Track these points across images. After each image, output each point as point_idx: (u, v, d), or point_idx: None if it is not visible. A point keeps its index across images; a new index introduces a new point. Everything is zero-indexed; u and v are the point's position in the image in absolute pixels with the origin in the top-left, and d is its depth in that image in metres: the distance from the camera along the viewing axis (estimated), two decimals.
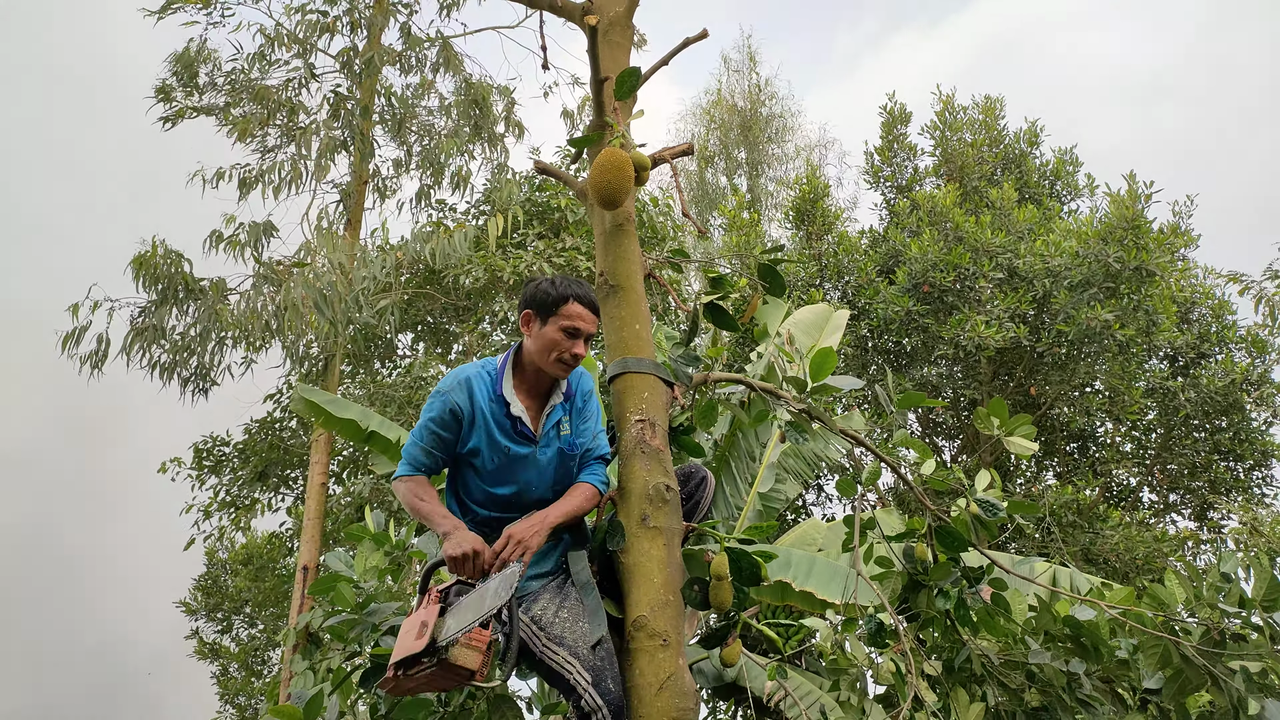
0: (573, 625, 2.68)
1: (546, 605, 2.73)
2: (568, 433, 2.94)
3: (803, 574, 5.68)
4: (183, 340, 10.66)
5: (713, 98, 21.38)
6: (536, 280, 2.96)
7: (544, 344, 2.84)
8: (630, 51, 4.05)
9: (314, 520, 10.00)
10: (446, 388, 2.85)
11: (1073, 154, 14.31)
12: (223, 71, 11.92)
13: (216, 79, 11.90)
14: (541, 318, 2.84)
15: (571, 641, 2.64)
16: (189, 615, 17.86)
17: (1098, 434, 13.82)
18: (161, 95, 11.83)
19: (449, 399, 2.82)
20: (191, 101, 11.84)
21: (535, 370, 2.92)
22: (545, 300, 2.85)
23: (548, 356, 2.84)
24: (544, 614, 2.70)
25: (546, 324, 2.84)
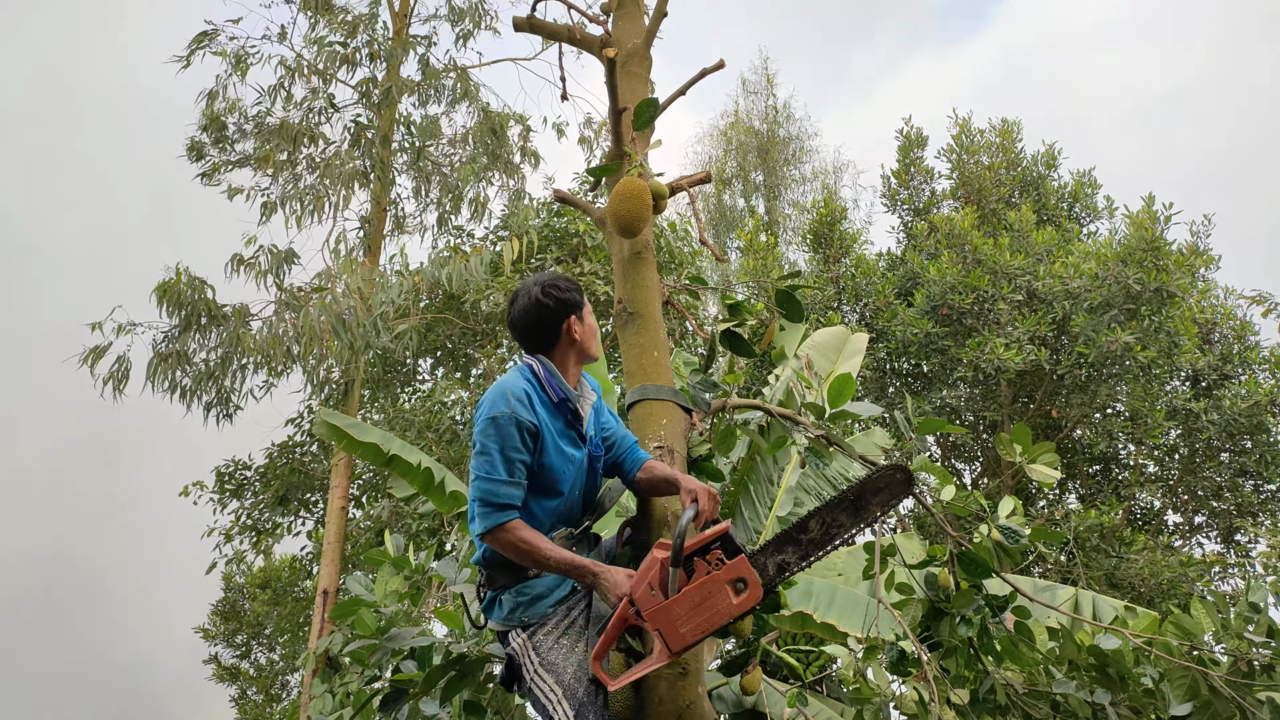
0: (566, 654, 2.62)
1: (550, 630, 2.67)
2: (593, 434, 2.90)
3: (824, 604, 5.63)
4: (206, 366, 10.78)
5: (730, 120, 21.47)
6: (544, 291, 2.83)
7: (591, 332, 2.88)
8: (648, 81, 4.12)
9: (334, 544, 10.03)
10: (508, 408, 2.62)
11: (1091, 176, 14.28)
12: (249, 117, 12.14)
13: (244, 126, 12.13)
14: (580, 316, 2.86)
15: (559, 670, 2.59)
16: (207, 640, 17.94)
17: (1120, 456, 13.68)
18: (194, 152, 12.10)
19: (518, 418, 2.61)
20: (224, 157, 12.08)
21: (575, 368, 2.89)
22: (577, 300, 2.86)
23: (595, 339, 2.90)
24: (545, 639, 2.65)
25: (584, 317, 2.88)
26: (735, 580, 2.32)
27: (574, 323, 2.82)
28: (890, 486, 2.50)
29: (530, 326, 2.82)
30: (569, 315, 2.82)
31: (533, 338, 2.84)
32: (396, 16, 12.93)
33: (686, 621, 2.35)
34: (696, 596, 2.35)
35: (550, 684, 2.57)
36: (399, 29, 12.76)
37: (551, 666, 2.59)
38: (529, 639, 2.65)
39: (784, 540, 2.40)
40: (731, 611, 2.32)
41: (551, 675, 2.58)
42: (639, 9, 4.28)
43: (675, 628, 2.36)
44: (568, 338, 2.83)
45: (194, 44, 11.94)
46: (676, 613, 2.36)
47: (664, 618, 2.37)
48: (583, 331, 2.85)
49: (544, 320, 2.80)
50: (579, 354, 2.87)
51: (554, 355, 2.85)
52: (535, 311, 2.81)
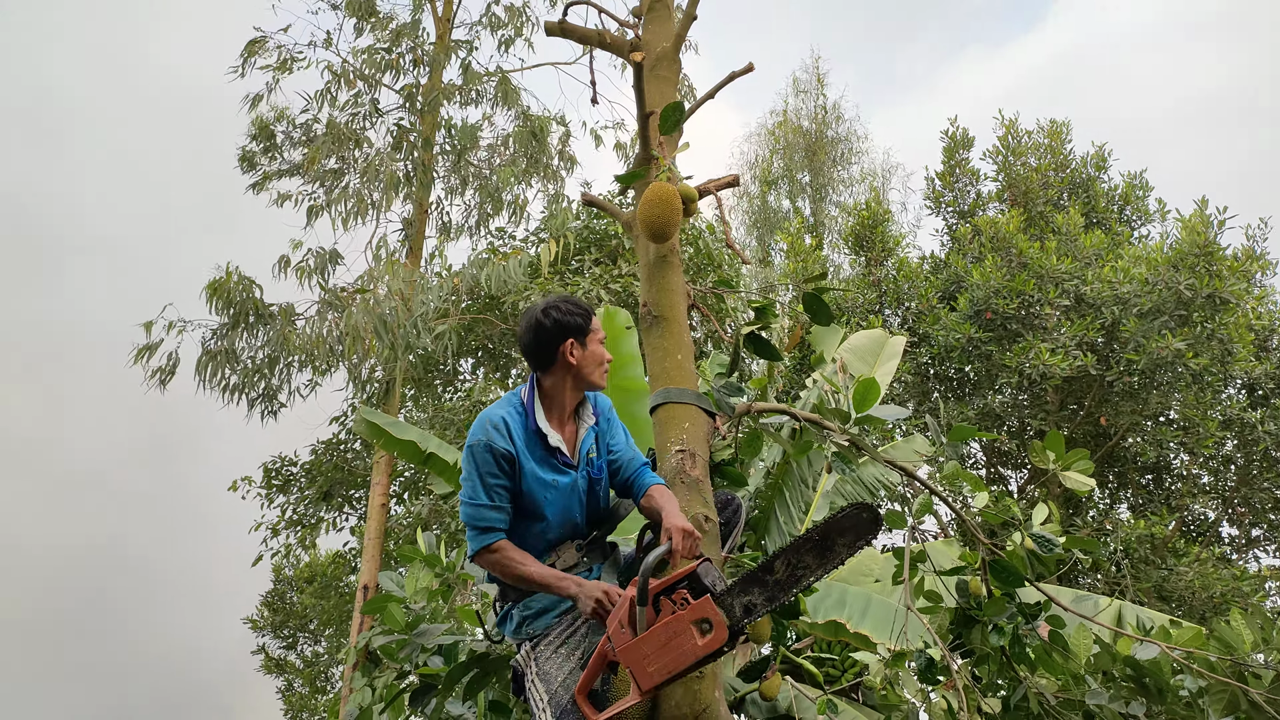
0: (560, 665, 2.66)
1: (551, 642, 2.73)
2: (596, 456, 2.93)
3: (858, 614, 5.58)
4: (253, 364, 11.04)
5: (779, 119, 21.28)
6: (545, 312, 2.87)
7: (595, 360, 2.88)
8: (677, 85, 4.13)
9: (374, 540, 10.21)
10: (483, 435, 2.75)
11: (1142, 178, 13.94)
12: (296, 125, 12.44)
13: (292, 134, 12.43)
14: (582, 341, 2.86)
15: (551, 679, 2.63)
16: (255, 631, 18.35)
17: (1173, 466, 13.33)
18: (245, 163, 12.44)
19: (493, 444, 2.73)
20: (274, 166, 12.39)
21: (570, 395, 2.90)
22: (579, 325, 2.87)
23: (600, 370, 2.89)
24: (544, 651, 2.71)
25: (588, 344, 2.87)
26: (700, 621, 2.29)
27: (571, 346, 2.83)
28: (857, 527, 2.47)
29: (528, 346, 2.88)
30: (566, 339, 2.83)
31: (532, 357, 2.89)
32: (440, 21, 13.13)
33: (654, 661, 2.33)
34: (662, 636, 2.33)
35: (540, 693, 2.63)
36: (442, 34, 12.96)
37: (545, 676, 2.65)
38: (532, 650, 2.72)
39: (750, 581, 2.38)
40: (696, 653, 2.28)
41: (543, 684, 2.64)
42: (669, 13, 4.29)
43: (644, 666, 2.34)
44: (563, 361, 2.84)
45: (246, 52, 12.26)
46: (644, 651, 2.34)
47: (633, 656, 2.36)
48: (581, 357, 2.85)
49: (540, 341, 2.84)
50: (576, 379, 2.88)
51: (550, 376, 2.89)
52: (533, 331, 2.85)
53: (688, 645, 2.30)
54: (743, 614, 2.32)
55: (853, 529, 2.45)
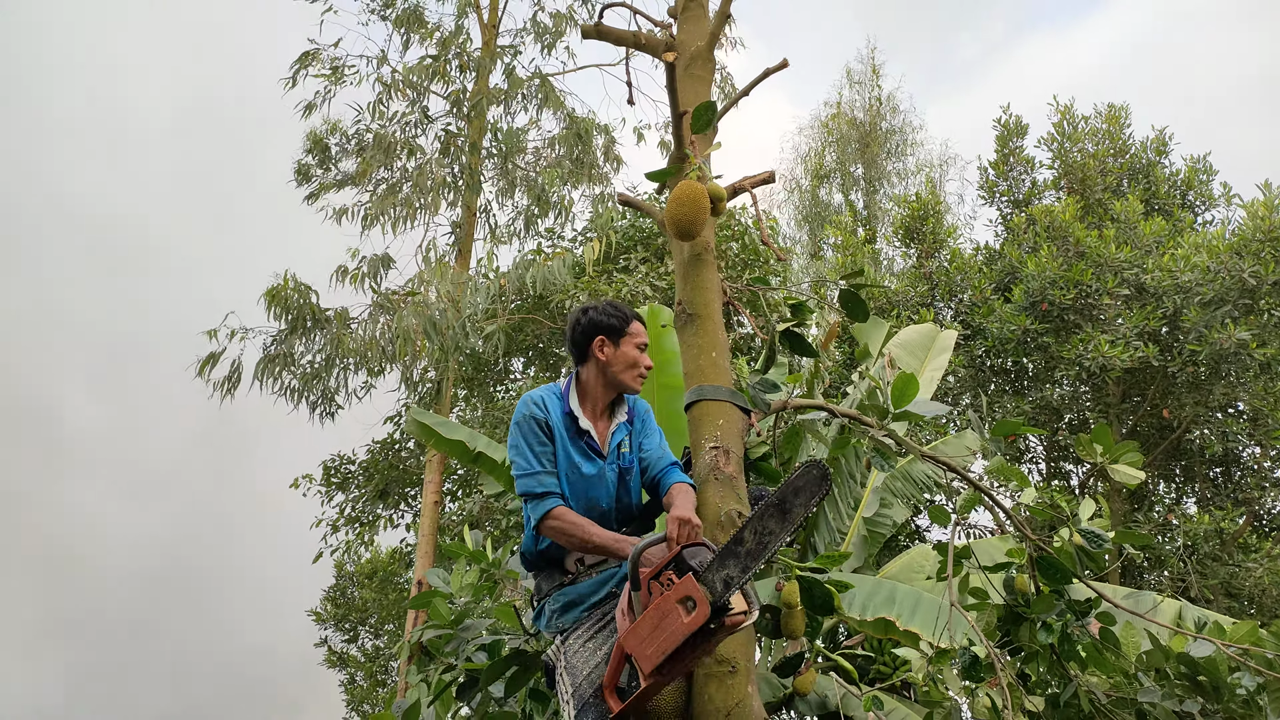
0: (588, 658, 2.71)
1: (580, 634, 2.77)
2: (628, 451, 3.02)
3: (908, 611, 5.53)
4: (310, 367, 11.33)
5: (832, 111, 21.01)
6: (584, 310, 3.06)
7: (626, 362, 2.99)
8: (711, 84, 4.14)
9: (428, 537, 10.41)
10: (525, 410, 2.93)
11: (1206, 162, 13.48)
12: (349, 136, 12.75)
13: (346, 146, 12.75)
14: (614, 341, 2.99)
15: (577, 671, 2.68)
16: (318, 624, 18.84)
17: (1242, 459, 12.88)
18: (300, 175, 12.79)
19: (534, 414, 2.91)
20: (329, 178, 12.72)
21: (603, 391, 3.02)
22: (614, 325, 3.01)
23: (631, 373, 3.00)
24: (574, 644, 2.75)
25: (620, 345, 3.00)
26: (684, 599, 2.37)
27: (602, 344, 2.99)
28: (809, 485, 2.53)
29: (568, 340, 3.08)
30: (597, 335, 2.99)
31: (571, 351, 3.08)
32: (485, 28, 13.34)
33: (650, 643, 2.40)
34: (655, 618, 2.40)
35: (566, 684, 2.69)
36: (487, 40, 13.16)
37: (571, 670, 2.70)
38: (562, 644, 2.78)
39: (725, 555, 2.43)
40: (684, 630, 2.35)
41: (570, 677, 2.69)
42: (704, 12, 4.30)
43: (643, 650, 2.41)
44: (594, 357, 3.01)
45: (298, 64, 12.59)
46: (642, 634, 2.42)
47: (633, 640, 2.43)
48: (612, 355, 2.99)
49: (576, 338, 3.04)
50: (606, 378, 3.01)
51: (585, 371, 3.06)
52: (572, 328, 3.06)
53: (676, 624, 2.37)
54: (723, 588, 2.38)
55: (805, 488, 2.52)
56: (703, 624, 2.33)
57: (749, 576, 2.40)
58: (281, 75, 12.68)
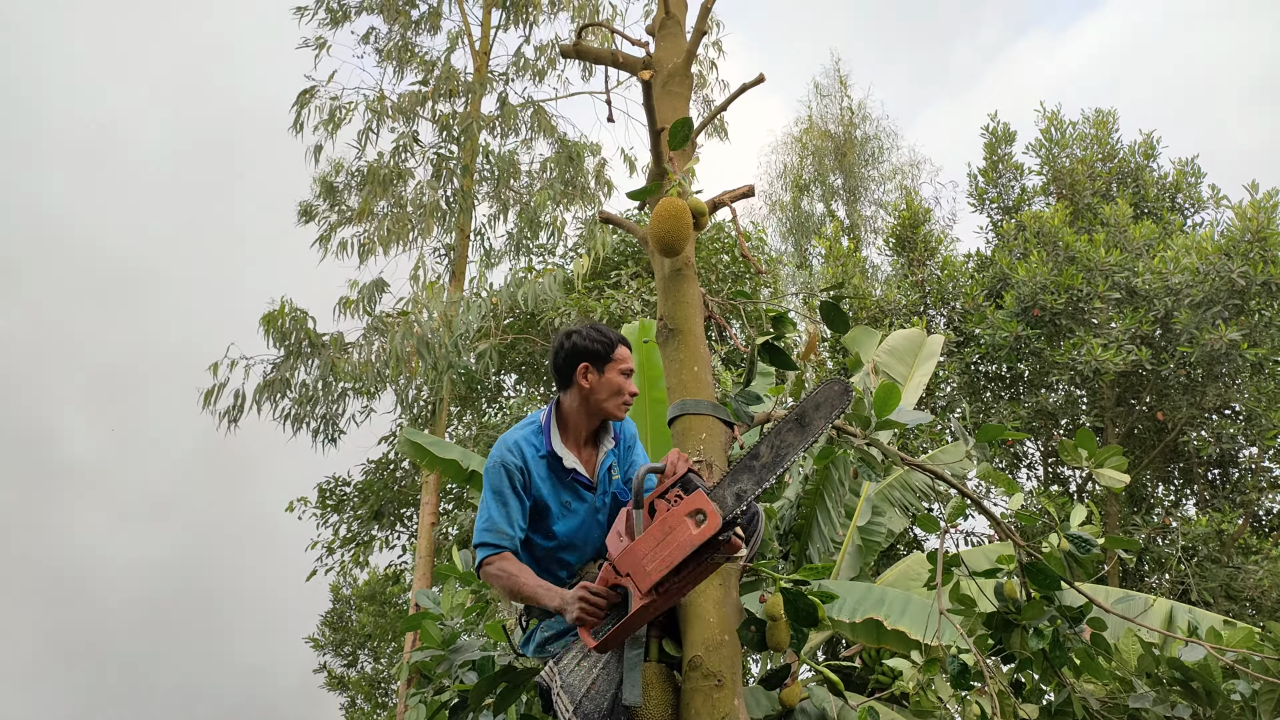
0: (584, 675, 2.70)
1: (574, 656, 2.76)
2: (618, 477, 2.99)
3: (896, 612, 5.54)
4: (308, 392, 11.37)
5: (804, 125, 21.28)
6: (568, 335, 2.97)
7: (610, 389, 2.90)
8: (689, 101, 4.17)
9: (424, 558, 10.40)
10: (497, 456, 2.86)
11: (1194, 165, 13.55)
12: (352, 173, 12.85)
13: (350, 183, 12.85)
14: (599, 367, 2.90)
15: (575, 690, 2.67)
16: (317, 650, 18.75)
17: (1239, 460, 12.88)
18: (305, 215, 12.89)
19: (505, 461, 2.84)
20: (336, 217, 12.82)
21: (586, 419, 2.96)
22: (598, 351, 2.91)
23: (616, 400, 2.91)
24: (568, 665, 2.74)
25: (605, 372, 2.90)
26: (694, 512, 2.36)
27: (586, 371, 2.89)
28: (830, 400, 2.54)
29: (552, 365, 2.99)
30: (581, 362, 2.89)
31: (555, 376, 3.00)
32: (477, 55, 13.50)
33: (652, 559, 2.39)
34: (659, 533, 2.40)
35: (566, 703, 2.67)
36: (479, 65, 13.30)
37: (569, 689, 2.69)
38: (555, 666, 2.76)
39: (739, 470, 2.44)
40: (693, 541, 2.34)
41: (568, 695, 2.68)
42: (680, 29, 4.35)
43: (642, 567, 2.40)
44: (578, 384, 2.91)
45: (298, 103, 12.73)
46: (642, 552, 2.41)
47: (631, 560, 2.42)
48: (596, 383, 2.89)
49: (559, 363, 2.95)
50: (589, 405, 2.93)
51: (567, 398, 2.97)
52: (555, 352, 2.97)
53: (684, 536, 2.35)
54: (734, 501, 2.39)
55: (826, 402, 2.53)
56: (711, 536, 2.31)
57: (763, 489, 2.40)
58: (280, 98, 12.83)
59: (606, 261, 11.46)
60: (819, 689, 3.54)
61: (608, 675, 2.70)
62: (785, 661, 3.07)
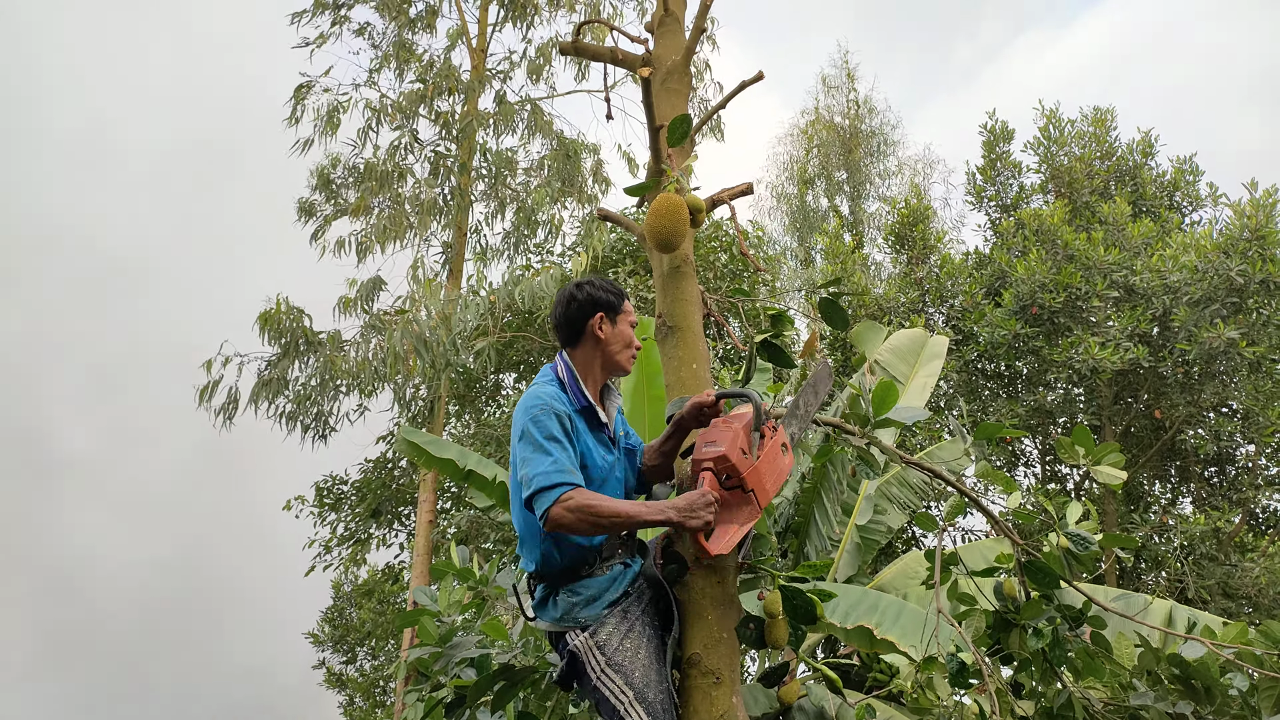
0: (633, 654, 2.63)
1: (612, 631, 2.67)
2: (623, 434, 2.97)
3: (889, 620, 5.53)
4: (304, 390, 11.35)
5: (810, 118, 21.20)
6: (579, 286, 2.89)
7: (622, 340, 2.89)
8: (688, 98, 4.16)
9: (422, 556, 10.40)
10: (541, 404, 2.68)
11: (1192, 162, 13.56)
12: (349, 169, 12.84)
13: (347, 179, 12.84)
14: (612, 318, 2.88)
15: (628, 670, 2.60)
16: (316, 646, 18.74)
17: (1236, 458, 12.90)
18: (304, 212, 12.88)
19: (555, 409, 2.67)
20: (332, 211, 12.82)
21: (600, 374, 2.90)
22: (612, 301, 2.89)
23: (627, 352, 2.90)
24: (609, 639, 2.65)
25: (617, 323, 2.89)
26: (783, 443, 2.78)
27: (600, 321, 2.85)
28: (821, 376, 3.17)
29: (560, 320, 2.90)
30: (596, 312, 2.85)
31: (563, 331, 2.91)
32: (474, 53, 13.49)
33: (768, 478, 2.71)
34: (771, 456, 2.73)
35: (620, 684, 2.58)
36: (477, 64, 13.30)
37: (619, 667, 2.60)
38: (591, 638, 2.65)
39: (789, 418, 2.95)
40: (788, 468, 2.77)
41: (621, 676, 2.59)
42: (679, 26, 4.33)
43: (763, 484, 2.70)
44: (592, 336, 2.85)
45: (294, 98, 12.71)
46: (763, 471, 2.70)
47: (756, 477, 2.69)
48: (610, 334, 2.86)
49: (570, 315, 2.87)
50: (605, 358, 2.87)
51: (579, 353, 2.88)
52: (565, 305, 2.89)
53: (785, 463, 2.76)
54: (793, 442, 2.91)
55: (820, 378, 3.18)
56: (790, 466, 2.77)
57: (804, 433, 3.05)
58: (276, 96, 12.83)
59: (605, 259, 11.46)
60: (817, 686, 3.54)
61: (652, 662, 2.64)
62: (783, 659, 3.07)
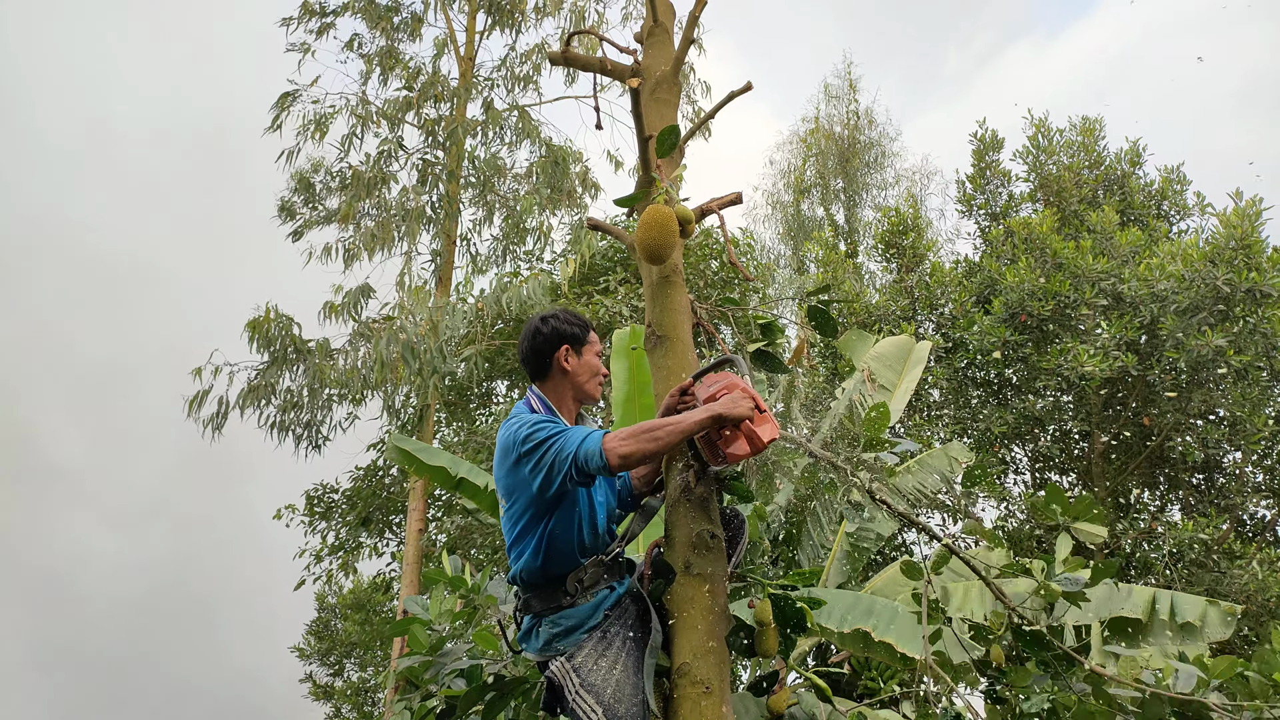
0: (605, 675, 2.68)
1: (589, 653, 2.73)
2: None
3: (884, 624, 5.55)
4: (293, 398, 11.31)
5: (810, 126, 21.27)
6: (543, 320, 2.97)
7: (589, 370, 2.97)
8: (677, 108, 4.18)
9: (412, 565, 10.35)
10: (538, 417, 2.79)
11: (1179, 172, 13.67)
12: (333, 174, 12.83)
13: (329, 183, 12.83)
14: (578, 350, 2.96)
15: (599, 690, 2.64)
16: (302, 659, 18.61)
17: (1224, 465, 12.97)
18: (285, 212, 12.84)
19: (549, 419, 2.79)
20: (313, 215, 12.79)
21: (571, 405, 2.98)
22: (576, 334, 2.96)
23: (594, 381, 2.98)
24: (584, 662, 2.71)
25: (583, 354, 2.97)
26: None
27: (566, 354, 2.92)
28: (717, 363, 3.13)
29: (526, 354, 2.97)
30: (561, 345, 2.92)
31: (529, 365, 2.98)
32: (462, 60, 13.52)
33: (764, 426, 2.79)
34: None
35: (591, 703, 2.63)
36: (464, 71, 13.32)
37: (591, 687, 2.65)
38: (568, 662, 2.72)
39: None
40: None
41: (592, 695, 2.64)
42: (668, 37, 4.36)
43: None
44: (559, 368, 2.93)
45: (278, 105, 12.69)
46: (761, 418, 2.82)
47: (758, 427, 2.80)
48: (576, 365, 2.93)
49: (536, 349, 2.94)
50: (575, 388, 2.95)
51: (549, 386, 2.96)
52: (530, 339, 2.96)
53: None
54: None
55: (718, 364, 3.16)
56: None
57: None
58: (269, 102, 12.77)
59: (595, 267, 11.47)
60: (808, 695, 3.54)
61: (628, 676, 2.69)
62: (774, 668, 3.07)
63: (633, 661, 2.74)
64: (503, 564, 10.23)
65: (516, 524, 2.82)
